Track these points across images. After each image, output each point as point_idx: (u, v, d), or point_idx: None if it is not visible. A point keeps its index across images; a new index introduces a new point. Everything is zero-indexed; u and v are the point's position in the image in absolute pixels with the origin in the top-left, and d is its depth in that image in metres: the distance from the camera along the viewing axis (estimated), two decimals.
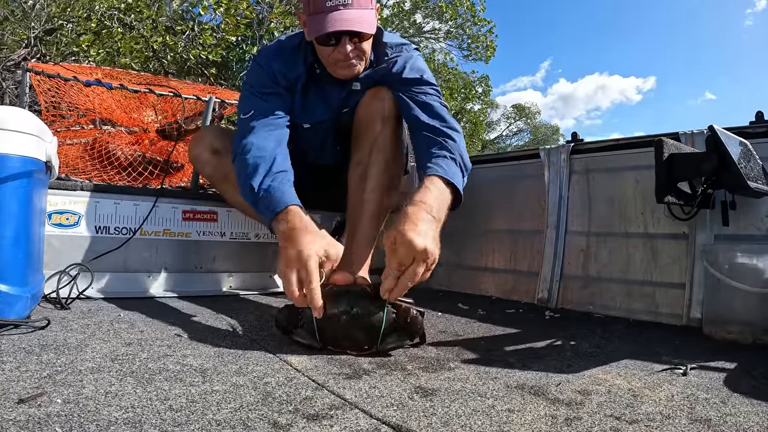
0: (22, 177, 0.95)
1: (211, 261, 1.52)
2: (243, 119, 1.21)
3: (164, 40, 4.88)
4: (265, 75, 1.25)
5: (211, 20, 5.50)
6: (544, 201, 1.67)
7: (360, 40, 1.15)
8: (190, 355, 0.83)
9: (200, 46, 5.07)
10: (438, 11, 9.78)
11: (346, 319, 0.88)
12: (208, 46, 5.08)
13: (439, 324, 1.23)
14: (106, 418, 0.56)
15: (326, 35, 1.11)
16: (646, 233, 1.44)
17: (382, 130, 1.20)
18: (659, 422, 0.62)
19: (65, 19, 4.76)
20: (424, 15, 10.29)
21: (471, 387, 0.74)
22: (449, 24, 10.12)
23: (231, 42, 5.25)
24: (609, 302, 1.47)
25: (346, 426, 0.58)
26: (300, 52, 1.26)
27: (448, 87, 10.24)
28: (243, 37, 5.34)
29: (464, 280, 1.89)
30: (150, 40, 4.82)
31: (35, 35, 4.46)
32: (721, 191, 1.26)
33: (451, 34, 10.37)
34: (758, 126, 1.29)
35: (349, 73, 1.20)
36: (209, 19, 5.49)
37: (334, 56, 1.16)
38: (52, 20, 4.69)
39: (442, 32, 10.49)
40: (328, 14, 1.08)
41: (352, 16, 1.09)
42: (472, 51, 10.13)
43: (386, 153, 1.19)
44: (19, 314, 0.93)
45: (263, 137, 1.14)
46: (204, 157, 1.38)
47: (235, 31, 5.16)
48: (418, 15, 10.31)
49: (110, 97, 1.86)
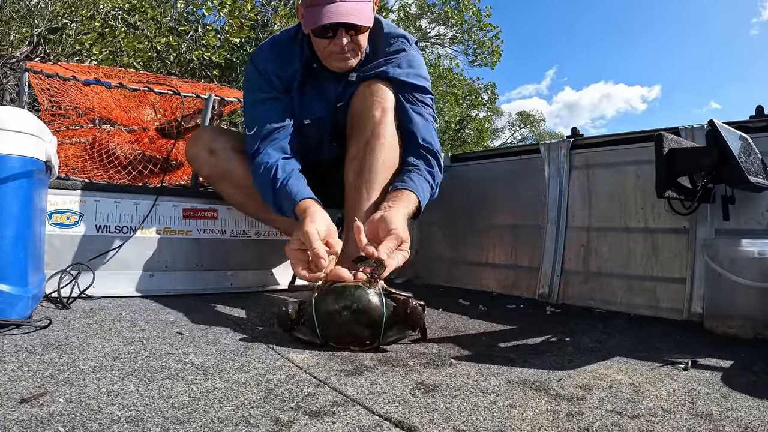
0: (23, 177, 0.95)
1: (212, 259, 1.52)
2: (250, 136, 1.23)
3: (168, 41, 4.87)
4: (261, 80, 1.26)
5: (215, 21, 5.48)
6: (544, 196, 1.67)
7: (356, 32, 1.14)
8: (191, 353, 0.84)
9: (203, 47, 5.06)
10: (444, 16, 9.73)
11: (347, 314, 0.88)
12: (211, 48, 5.07)
13: (440, 320, 1.23)
14: (109, 417, 0.56)
15: (323, 27, 1.11)
16: (646, 228, 1.44)
17: (379, 121, 1.18)
18: (660, 417, 0.63)
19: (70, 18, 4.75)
20: (430, 20, 10.23)
21: (472, 383, 0.74)
22: (455, 29, 10.07)
23: (235, 44, 5.23)
24: (610, 297, 1.48)
25: (348, 422, 0.58)
26: (296, 45, 1.26)
27: (453, 93, 10.21)
28: (247, 38, 5.31)
29: (465, 276, 1.89)
30: (153, 40, 4.81)
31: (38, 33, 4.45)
32: (722, 186, 1.25)
33: (456, 40, 10.33)
34: (758, 120, 1.29)
35: (344, 65, 1.20)
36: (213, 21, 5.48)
37: (329, 48, 1.16)
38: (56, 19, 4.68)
39: (448, 37, 10.45)
40: (325, 6, 1.08)
41: (349, 8, 1.09)
42: (477, 56, 10.10)
43: (382, 146, 1.18)
44: (20, 314, 0.93)
45: (268, 154, 1.20)
46: (201, 156, 1.38)
47: (238, 32, 5.14)
48: (424, 20, 10.25)
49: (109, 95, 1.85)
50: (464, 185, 1.95)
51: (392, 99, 1.22)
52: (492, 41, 9.83)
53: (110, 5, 4.76)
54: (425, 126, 1.24)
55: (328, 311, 0.89)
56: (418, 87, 1.25)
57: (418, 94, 1.25)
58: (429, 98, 1.28)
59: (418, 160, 1.20)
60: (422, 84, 1.26)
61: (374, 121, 1.18)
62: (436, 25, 10.40)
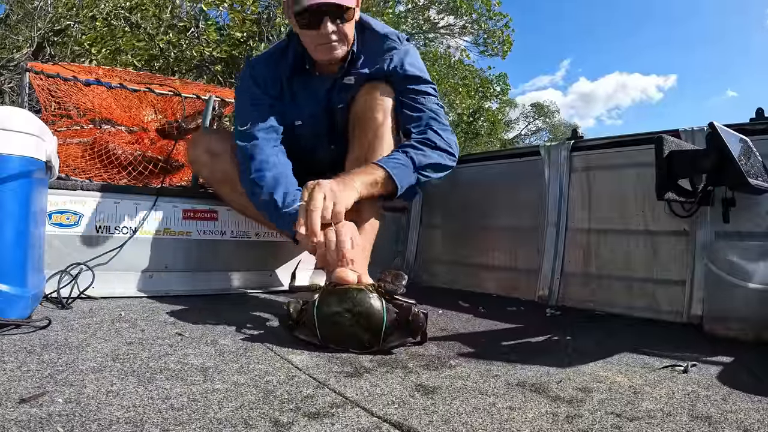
0: (23, 177, 0.95)
1: (212, 260, 1.51)
2: (242, 131, 1.24)
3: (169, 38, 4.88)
4: (255, 83, 1.28)
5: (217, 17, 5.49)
6: (544, 198, 1.67)
7: (341, 21, 1.15)
8: (191, 353, 0.84)
9: (205, 43, 5.06)
10: (452, 6, 9.65)
11: (348, 317, 0.89)
12: (212, 43, 5.07)
13: (440, 322, 1.23)
14: (108, 418, 0.56)
15: (308, 15, 1.12)
16: (646, 230, 1.43)
17: (382, 123, 1.19)
18: (660, 419, 0.62)
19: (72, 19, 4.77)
20: (439, 10, 10.16)
21: (472, 385, 0.74)
22: (464, 19, 9.98)
23: (237, 39, 5.23)
24: (609, 299, 1.47)
25: (347, 424, 0.58)
26: (288, 51, 1.28)
27: (465, 84, 10.15)
28: (250, 33, 5.31)
29: (465, 278, 1.89)
30: (156, 38, 4.82)
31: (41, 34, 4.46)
32: (722, 188, 1.25)
33: (466, 30, 10.23)
34: (758, 123, 1.29)
35: (332, 55, 1.20)
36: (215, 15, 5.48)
37: (316, 39, 1.17)
38: (59, 21, 4.69)
39: (457, 27, 10.35)
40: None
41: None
42: (488, 46, 10.00)
43: (386, 148, 1.18)
44: (20, 314, 0.93)
45: (269, 153, 1.20)
46: (202, 159, 1.38)
47: (240, 27, 5.14)
48: (432, 11, 10.18)
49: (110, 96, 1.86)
50: (464, 187, 1.95)
51: (395, 100, 1.23)
52: (502, 30, 9.71)
53: (111, 5, 4.78)
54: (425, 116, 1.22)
55: (328, 312, 0.89)
56: (416, 78, 1.25)
57: (416, 86, 1.25)
58: (430, 87, 1.27)
59: (403, 148, 1.18)
60: (419, 74, 1.25)
61: (377, 123, 1.19)
62: (445, 15, 10.31)
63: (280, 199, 1.12)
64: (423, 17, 10.04)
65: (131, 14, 4.83)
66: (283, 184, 1.15)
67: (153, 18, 4.92)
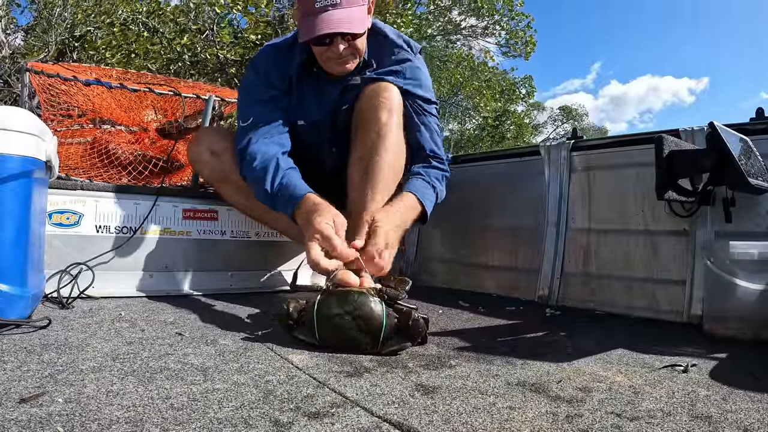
0: (23, 177, 0.95)
1: (212, 260, 1.52)
2: (243, 127, 1.23)
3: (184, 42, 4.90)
4: (260, 80, 1.27)
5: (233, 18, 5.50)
6: (544, 198, 1.67)
7: (353, 38, 1.15)
8: (191, 353, 0.84)
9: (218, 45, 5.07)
10: (474, 7, 9.59)
11: (347, 319, 0.88)
12: (226, 45, 5.08)
13: (440, 321, 1.23)
14: (108, 417, 0.56)
15: (318, 37, 1.12)
16: (646, 230, 1.43)
17: (386, 123, 1.17)
18: (660, 419, 0.62)
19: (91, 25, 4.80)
20: (460, 11, 10.10)
21: (472, 384, 0.74)
22: (486, 20, 9.90)
23: (252, 41, 5.21)
24: (610, 299, 1.47)
25: (348, 424, 0.58)
26: (294, 49, 1.26)
27: (489, 87, 10.06)
28: (264, 36, 5.30)
29: (465, 278, 1.89)
30: (173, 42, 4.84)
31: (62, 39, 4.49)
32: (722, 188, 1.25)
33: (488, 31, 10.16)
34: (758, 123, 1.29)
35: (343, 69, 1.20)
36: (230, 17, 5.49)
37: (327, 55, 1.17)
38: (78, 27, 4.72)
39: (480, 28, 10.28)
40: (318, 16, 1.09)
41: (342, 16, 1.09)
42: (511, 47, 9.92)
43: (390, 148, 1.16)
44: (20, 314, 0.93)
45: (265, 143, 1.20)
46: (203, 158, 1.38)
47: (254, 29, 5.14)
48: (455, 12, 10.11)
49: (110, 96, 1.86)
50: (465, 187, 1.95)
51: (399, 100, 1.21)
52: (524, 31, 9.59)
53: (128, 10, 4.81)
54: (431, 136, 1.28)
55: (328, 314, 0.89)
56: (424, 98, 1.28)
57: (423, 104, 1.27)
58: (433, 108, 1.31)
59: (425, 168, 1.24)
60: (427, 95, 1.29)
61: (380, 123, 1.17)
62: (466, 16, 10.23)
63: (269, 185, 1.14)
64: (445, 19, 9.98)
65: (149, 19, 4.84)
66: (272, 169, 1.16)
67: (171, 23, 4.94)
